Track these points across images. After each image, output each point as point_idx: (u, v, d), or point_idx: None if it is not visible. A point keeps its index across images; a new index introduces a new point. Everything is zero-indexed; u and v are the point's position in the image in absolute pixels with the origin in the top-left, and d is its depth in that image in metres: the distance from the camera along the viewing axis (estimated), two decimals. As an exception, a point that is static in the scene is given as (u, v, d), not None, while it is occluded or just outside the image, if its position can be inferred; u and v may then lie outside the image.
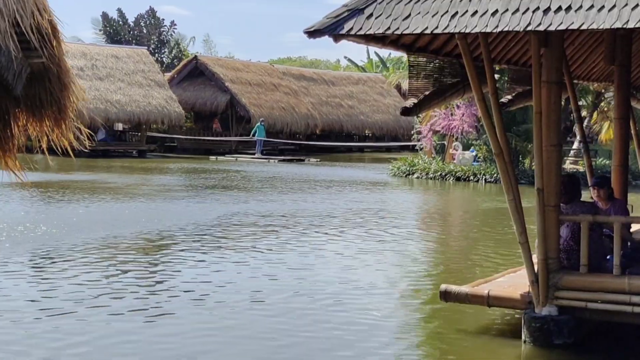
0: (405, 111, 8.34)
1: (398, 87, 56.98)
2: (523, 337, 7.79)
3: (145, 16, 66.77)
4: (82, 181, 25.40)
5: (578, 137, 29.74)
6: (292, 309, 9.15)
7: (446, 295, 8.35)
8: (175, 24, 67.67)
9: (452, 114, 29.88)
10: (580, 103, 26.94)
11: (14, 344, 7.62)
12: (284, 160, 40.61)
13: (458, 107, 29.31)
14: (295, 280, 10.78)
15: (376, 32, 7.24)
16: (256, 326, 8.42)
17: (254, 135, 43.38)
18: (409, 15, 7.19)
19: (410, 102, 8.38)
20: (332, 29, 7.26)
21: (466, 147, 31.08)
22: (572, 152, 32.57)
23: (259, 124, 43.64)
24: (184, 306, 9.17)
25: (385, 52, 69.99)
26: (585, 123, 32.43)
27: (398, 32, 7.22)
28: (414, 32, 7.20)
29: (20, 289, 9.90)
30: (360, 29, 7.25)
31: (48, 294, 9.66)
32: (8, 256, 11.79)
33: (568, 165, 30.58)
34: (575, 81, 11.78)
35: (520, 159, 29.03)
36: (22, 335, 7.95)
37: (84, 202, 19.19)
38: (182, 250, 12.93)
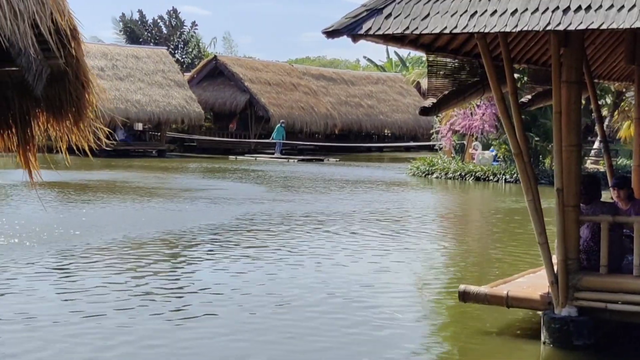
0: (424, 111, 8.32)
1: (417, 86, 56.90)
2: (542, 338, 7.76)
3: (167, 17, 66.96)
4: (103, 180, 25.53)
5: (599, 137, 29.56)
6: (314, 311, 9.14)
7: (465, 296, 8.31)
8: (196, 25, 67.80)
9: (472, 114, 29.77)
10: (600, 102, 26.78)
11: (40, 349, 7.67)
12: (303, 160, 40.63)
13: (478, 106, 29.20)
14: (315, 282, 10.76)
15: (395, 32, 7.22)
16: (283, 330, 8.42)
17: (274, 138, 43.47)
18: (428, 15, 7.18)
19: (429, 101, 8.36)
20: (351, 29, 7.25)
21: (486, 147, 30.96)
22: (592, 151, 32.38)
23: (279, 125, 43.72)
24: (211, 309, 9.06)
25: (404, 52, 69.86)
26: (606, 123, 32.21)
27: (417, 32, 7.20)
28: (433, 32, 7.18)
29: (46, 291, 9.84)
30: (379, 29, 7.23)
31: (73, 296, 9.60)
32: (33, 257, 11.76)
33: (589, 165, 30.41)
34: (596, 81, 11.71)
35: (541, 158, 28.88)
36: (45, 340, 8.00)
37: (104, 202, 19.29)
38: (204, 251, 12.90)
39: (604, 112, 34.23)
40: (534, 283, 8.46)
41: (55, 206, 18.01)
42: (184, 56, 65.83)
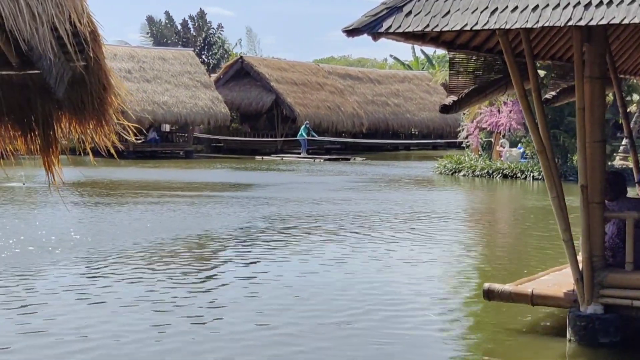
0: (445, 109, 8.27)
1: (444, 84, 56.71)
2: (568, 335, 7.71)
3: (196, 17, 67.20)
4: (131, 181, 25.68)
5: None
6: (339, 313, 9.16)
7: (489, 294, 8.28)
8: (222, 27, 67.94)
9: (499, 111, 29.61)
10: (628, 99, 26.47)
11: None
12: (330, 159, 40.62)
13: (505, 103, 29.03)
14: (341, 282, 10.77)
15: (415, 30, 7.20)
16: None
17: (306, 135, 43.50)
18: (448, 12, 7.14)
19: (450, 99, 8.32)
20: (371, 27, 7.24)
21: (513, 144, 30.76)
22: (621, 148, 32.05)
23: (303, 127, 43.75)
24: (246, 319, 8.78)
25: (431, 50, 69.69)
26: (633, 119, 31.88)
27: (437, 29, 7.17)
28: (454, 29, 7.16)
29: (90, 303, 9.49)
30: (399, 26, 7.21)
31: (106, 305, 9.28)
32: (63, 263, 11.66)
33: (617, 162, 30.13)
34: (622, 76, 11.60)
35: (569, 155, 28.64)
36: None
37: (133, 205, 19.39)
38: (234, 256, 12.64)
39: (632, 108, 33.85)
40: (558, 281, 8.40)
41: (82, 210, 18.13)
42: (209, 57, 66.03)
